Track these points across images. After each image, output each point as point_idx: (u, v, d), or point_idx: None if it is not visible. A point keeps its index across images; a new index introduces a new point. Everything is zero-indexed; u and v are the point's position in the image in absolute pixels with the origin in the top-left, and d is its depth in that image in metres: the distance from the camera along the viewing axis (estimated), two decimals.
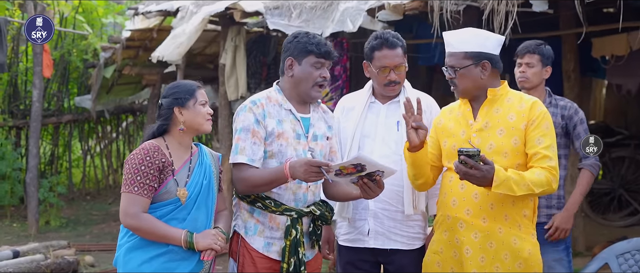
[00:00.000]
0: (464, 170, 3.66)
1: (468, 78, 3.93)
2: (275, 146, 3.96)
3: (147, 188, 3.63)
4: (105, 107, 12.57)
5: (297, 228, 3.95)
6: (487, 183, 3.67)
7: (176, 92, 3.79)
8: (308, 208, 4.01)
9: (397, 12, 6.86)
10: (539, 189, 3.73)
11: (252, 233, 4.01)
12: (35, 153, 10.54)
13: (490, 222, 3.85)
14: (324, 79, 4.04)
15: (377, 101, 4.45)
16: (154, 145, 3.71)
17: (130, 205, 3.63)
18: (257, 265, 3.99)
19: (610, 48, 9.00)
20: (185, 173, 3.77)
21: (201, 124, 3.80)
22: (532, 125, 3.83)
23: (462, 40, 3.95)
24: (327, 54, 4.01)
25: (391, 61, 4.30)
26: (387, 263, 4.42)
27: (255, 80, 10.06)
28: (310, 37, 4.04)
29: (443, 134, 4.08)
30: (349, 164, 3.68)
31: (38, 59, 10.23)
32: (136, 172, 3.63)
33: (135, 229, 3.67)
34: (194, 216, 3.75)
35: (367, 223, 4.35)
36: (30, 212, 10.35)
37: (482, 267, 3.85)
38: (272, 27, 7.78)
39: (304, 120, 4.08)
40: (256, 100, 4.04)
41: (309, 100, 4.09)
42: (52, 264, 7.91)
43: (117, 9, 14.05)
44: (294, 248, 3.94)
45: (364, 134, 4.40)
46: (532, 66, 5.02)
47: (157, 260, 3.69)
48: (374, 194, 3.87)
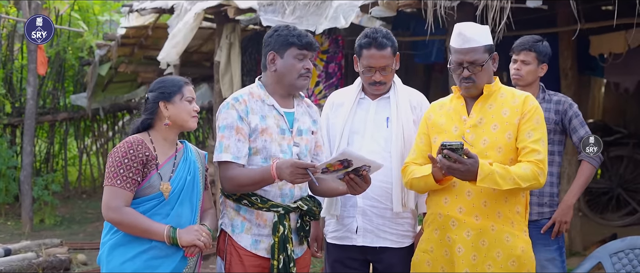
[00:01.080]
0: (447, 164, 3.62)
1: (487, 72, 3.90)
2: (259, 142, 3.91)
3: (129, 182, 3.58)
4: (101, 105, 12.52)
5: (285, 225, 3.90)
6: (472, 177, 3.63)
7: (163, 86, 3.75)
8: (295, 203, 3.96)
9: (390, 9, 6.80)
10: (525, 183, 3.69)
11: (239, 231, 3.96)
12: (30, 151, 10.50)
13: (483, 220, 3.80)
14: (308, 71, 3.99)
15: (366, 97, 4.39)
16: (137, 139, 3.66)
17: (113, 199, 3.57)
18: (245, 263, 3.93)
19: (608, 46, 8.93)
20: (169, 168, 3.71)
21: (186, 120, 3.75)
22: (523, 118, 3.79)
23: (479, 34, 3.89)
24: (309, 45, 3.96)
25: (377, 62, 4.23)
26: (376, 262, 4.37)
27: (250, 78, 9.99)
28: (290, 30, 4.00)
29: (433, 129, 4.01)
30: (335, 161, 3.63)
31: (32, 56, 10.18)
32: (119, 165, 3.57)
33: (117, 223, 3.61)
34: (178, 212, 3.69)
35: (355, 221, 4.29)
36: (24, 210, 10.31)
37: (474, 265, 3.80)
38: (265, 24, 7.73)
39: (288, 115, 4.02)
40: (238, 96, 3.99)
41: (295, 91, 4.04)
42: (44, 262, 7.88)
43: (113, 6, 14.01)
44: (283, 244, 3.88)
45: (353, 130, 4.34)
46: (528, 64, 4.94)
47: (140, 258, 3.63)
48: (361, 190, 3.82)
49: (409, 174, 4.01)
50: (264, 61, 4.06)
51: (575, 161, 8.08)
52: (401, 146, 4.26)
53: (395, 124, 4.29)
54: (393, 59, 4.27)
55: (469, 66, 3.86)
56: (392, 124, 4.30)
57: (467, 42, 3.87)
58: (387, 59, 4.23)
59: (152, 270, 3.63)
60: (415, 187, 4.00)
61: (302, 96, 4.16)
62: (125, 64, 11.18)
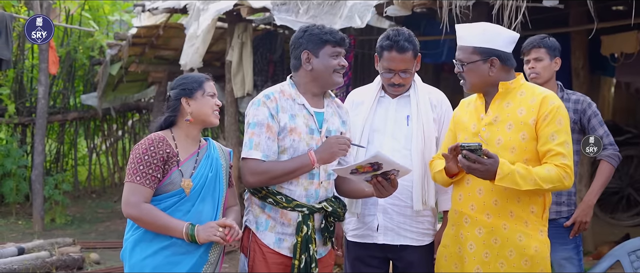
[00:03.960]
0: (467, 165, 3.65)
1: (476, 73, 3.88)
2: (287, 141, 3.92)
3: (149, 178, 3.60)
4: (111, 104, 12.53)
5: (309, 225, 3.91)
6: (491, 177, 3.65)
7: (184, 83, 3.78)
8: (320, 204, 3.96)
9: (405, 8, 6.80)
10: (547, 185, 3.66)
11: (263, 228, 3.98)
12: (41, 151, 10.50)
13: (494, 218, 3.81)
14: (343, 67, 4.02)
15: (386, 96, 4.41)
16: (159, 136, 3.69)
17: (132, 194, 3.60)
18: (268, 260, 3.95)
19: (619, 46, 8.93)
20: (191, 165, 3.73)
21: (208, 114, 3.77)
22: (544, 121, 3.74)
23: (472, 35, 3.90)
24: (343, 41, 4.01)
25: (397, 65, 4.24)
26: (396, 259, 4.38)
27: (261, 78, 10.03)
28: (322, 28, 4.03)
29: (458, 126, 4.05)
30: (366, 163, 3.65)
31: (44, 55, 10.19)
32: (139, 162, 3.60)
33: (136, 219, 3.63)
34: (199, 209, 3.70)
35: (376, 219, 4.30)
36: (36, 210, 10.31)
37: (486, 262, 3.82)
38: (279, 23, 7.73)
39: (318, 115, 4.03)
40: (269, 94, 3.99)
41: (330, 87, 4.06)
42: (57, 261, 7.89)
43: (123, 6, 14.02)
44: (305, 244, 3.90)
45: (374, 128, 4.36)
46: (541, 60, 4.95)
47: (161, 254, 3.65)
48: (387, 193, 3.84)
49: (433, 168, 4.10)
50: (295, 62, 4.06)
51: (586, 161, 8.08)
52: (421, 144, 4.28)
53: (416, 122, 4.31)
54: (414, 61, 4.28)
55: (457, 63, 3.95)
56: (412, 122, 4.31)
57: (459, 40, 3.95)
58: (408, 62, 4.25)
59: (172, 267, 3.65)
60: (438, 180, 4.08)
61: (333, 96, 4.17)
62: (135, 63, 11.18)
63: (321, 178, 3.98)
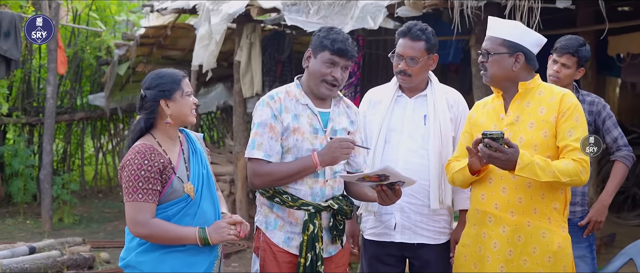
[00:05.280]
0: (488, 153, 3.66)
1: (499, 65, 3.91)
2: (291, 141, 3.94)
3: (151, 193, 3.48)
4: (119, 104, 12.56)
5: (315, 223, 3.93)
6: (511, 167, 3.67)
7: (161, 83, 3.58)
8: (326, 202, 3.98)
9: (416, 9, 6.84)
10: (565, 178, 3.70)
11: (272, 227, 4.01)
12: (49, 150, 10.51)
13: (518, 216, 3.84)
14: (334, 79, 3.95)
15: (404, 95, 4.44)
16: (147, 146, 3.52)
17: (138, 213, 3.48)
18: (278, 259, 3.98)
19: (626, 46, 8.99)
20: (183, 166, 3.65)
21: (188, 115, 3.63)
22: (562, 117, 3.80)
23: (503, 27, 3.94)
24: (341, 51, 3.91)
25: (405, 51, 4.29)
26: (413, 258, 4.42)
27: (269, 78, 10.06)
28: (328, 32, 3.98)
29: (475, 128, 4.06)
30: (374, 174, 3.70)
31: (52, 55, 10.21)
32: (137, 179, 3.46)
33: (147, 237, 3.53)
34: (203, 209, 3.64)
35: (393, 218, 4.34)
36: (44, 209, 10.32)
37: (510, 260, 3.84)
38: (290, 23, 7.76)
39: (323, 115, 4.04)
40: (274, 94, 4.03)
41: (321, 96, 4.02)
42: (68, 260, 7.91)
43: (130, 6, 14.04)
44: (312, 243, 3.91)
45: (391, 127, 4.39)
46: (568, 67, 4.92)
47: (176, 256, 3.59)
48: (390, 202, 3.89)
49: (451, 170, 4.09)
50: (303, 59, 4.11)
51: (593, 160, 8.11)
52: (438, 144, 4.31)
53: (433, 122, 4.34)
54: (424, 53, 4.30)
55: (483, 52, 3.96)
56: (429, 122, 4.35)
57: (489, 31, 3.98)
58: (417, 51, 4.28)
59: (189, 267, 3.60)
60: (457, 181, 4.07)
61: (341, 96, 4.17)
62: (143, 63, 11.22)
63: (326, 176, 3.99)
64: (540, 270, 3.82)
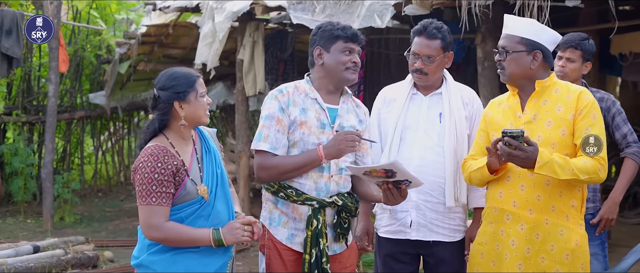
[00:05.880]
0: (507, 151, 3.66)
1: (517, 64, 3.90)
2: (297, 134, 3.95)
3: (165, 196, 3.44)
4: (119, 103, 12.53)
5: (319, 219, 3.92)
6: (531, 165, 3.67)
7: (175, 84, 3.52)
8: (331, 198, 3.97)
9: (424, 7, 6.83)
10: (584, 176, 3.71)
11: (276, 224, 4.00)
12: (51, 149, 10.49)
13: (536, 214, 3.84)
14: (355, 64, 4.02)
15: (418, 93, 4.43)
16: (160, 148, 3.47)
17: (152, 217, 3.44)
18: (283, 257, 3.98)
19: (628, 45, 9.00)
20: (196, 167, 3.59)
21: (201, 116, 3.58)
22: (580, 114, 3.80)
23: (520, 25, 3.93)
24: (355, 36, 4.01)
25: (421, 50, 4.28)
26: (428, 255, 4.41)
27: (272, 76, 10.05)
28: (334, 24, 4.06)
29: (491, 126, 4.05)
30: (381, 168, 3.68)
31: (54, 53, 10.18)
32: (150, 182, 3.42)
33: (161, 240, 3.50)
34: (217, 209, 3.60)
35: (409, 215, 4.32)
36: (46, 208, 10.29)
37: (528, 258, 3.84)
38: (295, 22, 7.75)
39: (331, 111, 4.05)
40: (283, 88, 4.06)
41: (343, 84, 4.07)
42: (73, 259, 7.91)
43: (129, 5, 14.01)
44: (316, 238, 3.90)
45: (406, 125, 4.38)
46: (573, 61, 4.96)
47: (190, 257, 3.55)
48: (395, 202, 3.88)
49: (468, 169, 4.08)
50: (310, 58, 4.11)
51: None
52: (454, 142, 4.31)
53: (448, 120, 4.33)
54: (441, 53, 4.30)
55: (500, 50, 3.94)
56: (445, 120, 4.34)
57: (505, 29, 3.96)
58: (433, 49, 4.27)
59: (203, 267, 3.56)
60: (474, 180, 4.06)
61: (350, 94, 4.19)
62: (144, 62, 11.19)
63: (332, 172, 3.98)
64: (558, 267, 3.82)
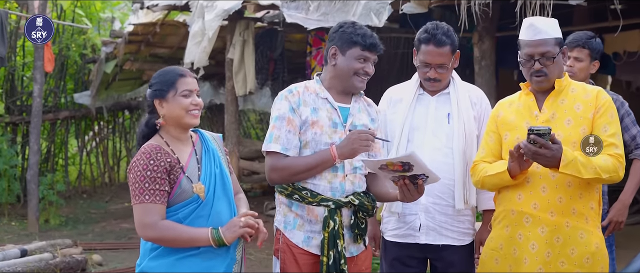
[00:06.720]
0: (533, 150, 3.54)
1: (558, 66, 3.82)
2: (309, 134, 3.85)
3: (158, 194, 3.32)
4: (104, 103, 12.38)
5: (336, 220, 3.81)
6: (555, 164, 3.57)
7: (155, 82, 3.47)
8: (346, 198, 3.86)
9: (422, 5, 6.73)
10: (606, 175, 3.63)
11: (291, 227, 3.89)
12: (36, 150, 10.31)
13: (557, 216, 3.73)
14: (366, 74, 3.92)
15: (425, 93, 4.33)
16: (153, 146, 3.39)
17: (146, 215, 3.32)
18: (299, 261, 3.87)
19: (622, 44, 8.96)
20: (194, 166, 3.48)
21: (181, 116, 3.43)
22: (598, 113, 3.74)
23: (550, 26, 3.82)
24: (373, 46, 3.88)
25: (433, 59, 4.17)
26: (436, 259, 4.31)
27: (262, 76, 9.92)
28: (356, 28, 3.92)
29: (503, 127, 3.94)
30: (398, 161, 3.57)
31: (39, 53, 9.99)
32: (143, 180, 3.32)
33: (157, 240, 3.37)
34: (217, 209, 3.48)
35: (418, 218, 4.22)
36: (31, 210, 10.11)
37: (548, 262, 3.73)
38: (289, 21, 7.62)
39: (342, 110, 3.95)
40: (293, 88, 3.95)
41: (353, 90, 3.96)
42: (61, 263, 7.76)
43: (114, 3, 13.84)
44: (333, 240, 3.79)
45: (414, 126, 4.28)
46: (581, 60, 4.90)
47: (192, 260, 3.42)
48: (412, 198, 3.76)
49: (480, 172, 3.93)
50: (325, 55, 4.00)
51: None
52: (463, 142, 4.21)
53: (457, 120, 4.24)
54: (451, 57, 4.20)
55: (540, 59, 3.78)
56: (453, 120, 4.24)
57: (539, 34, 3.79)
58: (445, 56, 4.17)
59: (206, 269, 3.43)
60: (487, 185, 3.93)
61: (362, 93, 4.08)
62: (130, 61, 11.04)
63: (346, 171, 3.88)
64: (578, 270, 3.73)
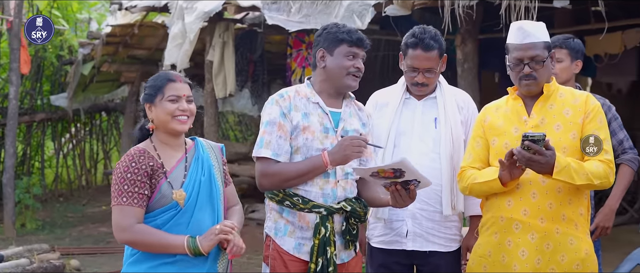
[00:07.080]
0: (527, 157, 3.48)
1: (547, 70, 3.77)
2: (300, 140, 3.79)
3: (137, 197, 3.28)
4: (81, 105, 12.22)
5: (327, 226, 3.76)
6: (549, 170, 3.52)
7: (147, 86, 3.47)
8: (338, 204, 3.81)
9: (405, 7, 6.66)
10: (597, 181, 3.60)
11: (282, 234, 3.83)
12: (12, 153, 10.16)
13: (548, 223, 3.68)
14: (358, 70, 3.87)
15: (412, 97, 4.27)
16: (139, 149, 3.37)
17: (122, 218, 3.27)
18: (289, 268, 3.80)
19: (603, 46, 8.96)
20: (180, 173, 3.40)
21: (167, 121, 3.39)
22: (587, 118, 3.70)
23: (539, 29, 3.78)
24: (360, 41, 3.85)
25: (421, 63, 4.11)
26: (423, 265, 4.25)
27: (241, 78, 9.82)
28: (340, 27, 3.90)
29: (491, 132, 3.88)
30: (389, 168, 3.53)
31: (15, 55, 9.85)
32: (122, 181, 3.28)
33: (132, 243, 3.32)
34: (198, 218, 3.38)
35: (405, 225, 4.16)
36: (7, 214, 9.95)
37: (538, 269, 3.68)
38: (270, 23, 7.54)
39: (334, 114, 3.89)
40: (283, 93, 3.89)
41: (344, 90, 3.92)
42: (38, 268, 7.65)
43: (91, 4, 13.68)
44: (323, 247, 3.74)
45: (400, 131, 4.22)
46: (561, 61, 4.85)
47: (167, 268, 3.33)
48: (404, 204, 3.71)
49: (468, 179, 3.86)
50: (313, 60, 3.96)
51: None
52: (450, 147, 4.16)
53: (444, 125, 4.18)
54: (439, 61, 4.14)
55: (529, 63, 3.73)
56: (440, 125, 4.19)
57: (528, 37, 3.74)
58: (432, 61, 4.11)
59: None
60: (476, 192, 3.86)
61: (353, 97, 4.03)
62: (108, 63, 10.92)
63: (338, 177, 3.83)
64: None
